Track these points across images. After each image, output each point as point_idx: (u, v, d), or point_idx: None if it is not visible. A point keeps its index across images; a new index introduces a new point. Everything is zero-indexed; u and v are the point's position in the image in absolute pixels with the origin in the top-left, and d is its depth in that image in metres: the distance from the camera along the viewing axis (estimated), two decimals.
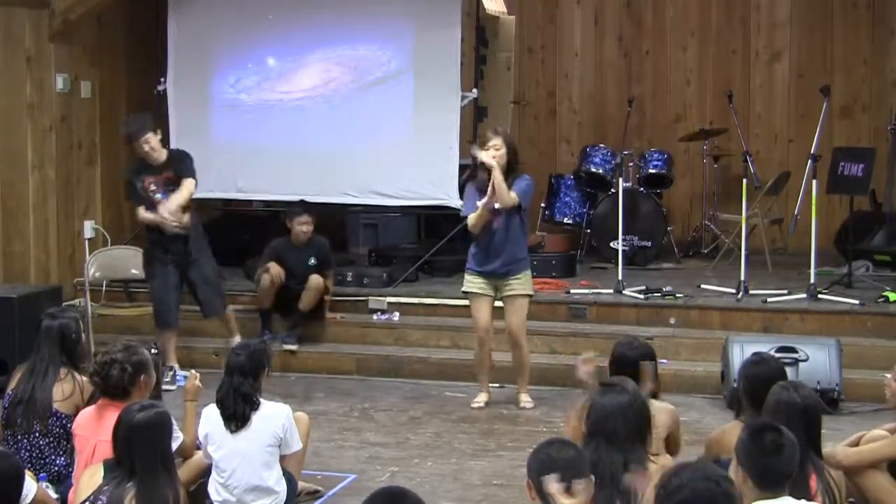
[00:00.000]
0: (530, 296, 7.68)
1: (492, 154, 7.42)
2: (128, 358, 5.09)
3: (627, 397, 4.46)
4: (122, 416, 4.44)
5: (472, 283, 7.67)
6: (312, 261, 9.01)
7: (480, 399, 7.87)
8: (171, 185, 8.34)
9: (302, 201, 9.32)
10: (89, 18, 9.96)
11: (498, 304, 7.72)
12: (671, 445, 5.46)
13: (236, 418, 5.48)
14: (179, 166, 8.42)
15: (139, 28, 10.70)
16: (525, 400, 7.81)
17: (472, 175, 7.69)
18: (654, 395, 5.40)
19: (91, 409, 5.23)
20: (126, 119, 8.49)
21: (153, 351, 6.02)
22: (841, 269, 9.49)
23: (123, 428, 4.37)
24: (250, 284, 9.79)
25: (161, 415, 4.43)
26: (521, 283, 7.58)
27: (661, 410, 5.30)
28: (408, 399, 8.16)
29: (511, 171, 7.49)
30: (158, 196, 8.31)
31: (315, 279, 8.86)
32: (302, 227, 8.94)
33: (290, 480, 5.62)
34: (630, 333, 8.00)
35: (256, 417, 5.50)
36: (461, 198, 9.46)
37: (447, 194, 9.61)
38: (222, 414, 5.51)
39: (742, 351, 7.40)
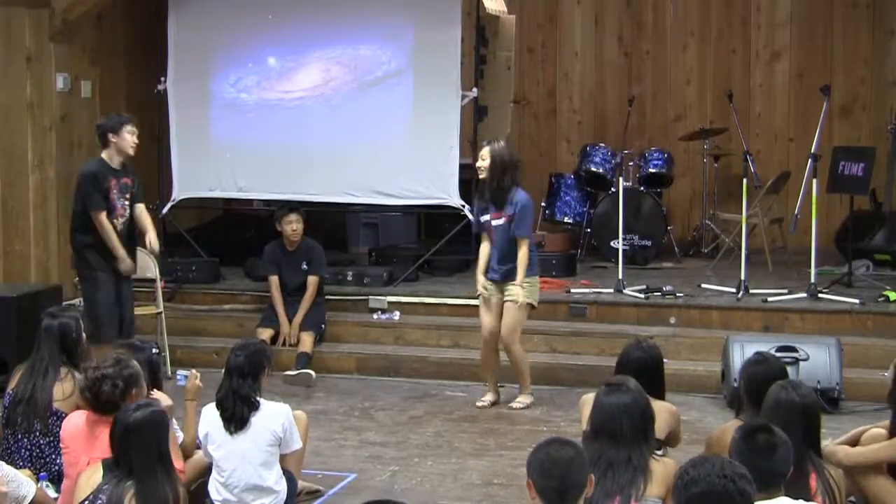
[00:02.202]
0: (527, 304, 7.63)
1: (478, 165, 7.63)
2: (119, 373, 4.98)
3: (631, 396, 4.47)
4: (119, 416, 4.43)
5: (483, 286, 7.77)
6: (304, 266, 9.03)
7: (486, 398, 7.88)
8: (126, 192, 7.76)
9: (289, 202, 9.33)
10: (89, 18, 9.96)
11: None
12: (671, 441, 5.47)
13: (235, 420, 5.48)
14: (137, 182, 7.92)
15: (139, 28, 10.70)
16: (517, 401, 7.82)
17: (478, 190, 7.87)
18: (659, 396, 5.41)
19: (80, 421, 5.09)
20: (103, 117, 7.96)
21: (154, 350, 6.03)
22: (841, 269, 9.50)
23: (120, 428, 4.36)
24: (250, 284, 9.82)
25: (157, 414, 4.42)
26: (516, 290, 7.57)
27: (662, 410, 5.31)
28: (408, 398, 8.16)
29: (501, 188, 7.52)
30: (118, 204, 7.74)
31: (311, 285, 8.95)
32: (291, 226, 8.95)
33: (291, 479, 5.62)
34: (631, 333, 8.03)
35: (256, 417, 5.49)
36: (461, 197, 9.54)
37: (447, 193, 9.61)
38: (221, 415, 5.50)
39: (742, 350, 7.40)
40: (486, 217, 7.65)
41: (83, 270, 7.87)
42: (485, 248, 7.75)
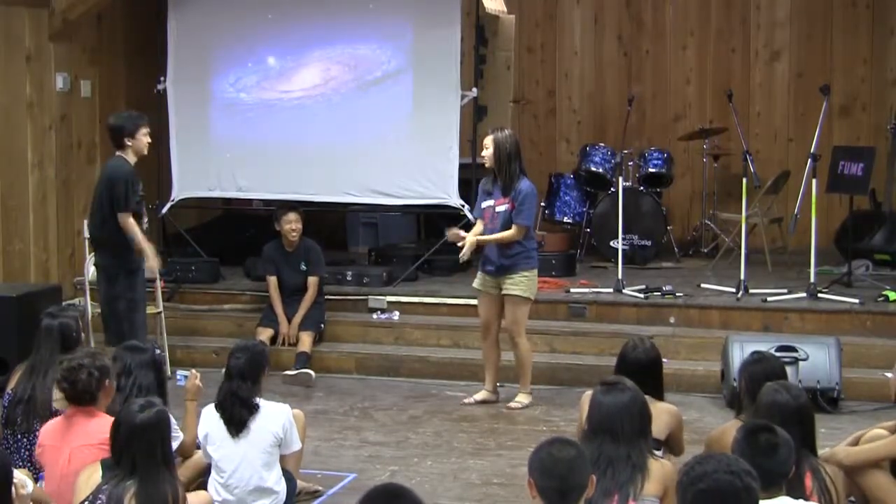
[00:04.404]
0: (526, 297, 7.61)
1: (482, 153, 7.64)
2: (93, 363, 5.04)
3: (629, 395, 4.48)
4: (122, 415, 4.43)
5: (477, 280, 7.80)
6: (303, 266, 9.03)
7: (476, 395, 7.89)
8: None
9: (288, 201, 9.35)
10: (89, 17, 9.96)
11: None
12: (673, 446, 5.46)
13: (234, 423, 5.48)
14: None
15: (139, 27, 10.70)
16: (516, 400, 7.79)
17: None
18: (659, 396, 5.41)
19: (57, 420, 5.17)
20: (115, 114, 7.88)
21: (157, 351, 6.03)
22: (841, 269, 9.50)
23: (124, 427, 4.36)
24: (250, 284, 9.82)
25: (161, 413, 4.42)
26: (514, 284, 7.56)
27: (663, 411, 5.31)
28: (407, 398, 8.16)
29: (508, 175, 7.50)
30: (142, 205, 7.84)
31: (311, 286, 8.97)
32: (290, 225, 8.95)
33: (290, 480, 5.62)
34: (631, 333, 8.01)
35: (257, 419, 5.49)
36: (461, 197, 9.54)
37: (447, 193, 9.61)
38: (221, 417, 5.51)
39: (742, 350, 7.39)
40: (489, 203, 7.61)
41: (121, 272, 7.66)
42: (478, 227, 7.71)
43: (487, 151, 7.56)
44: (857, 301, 8.60)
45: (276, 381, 8.05)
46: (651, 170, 10.81)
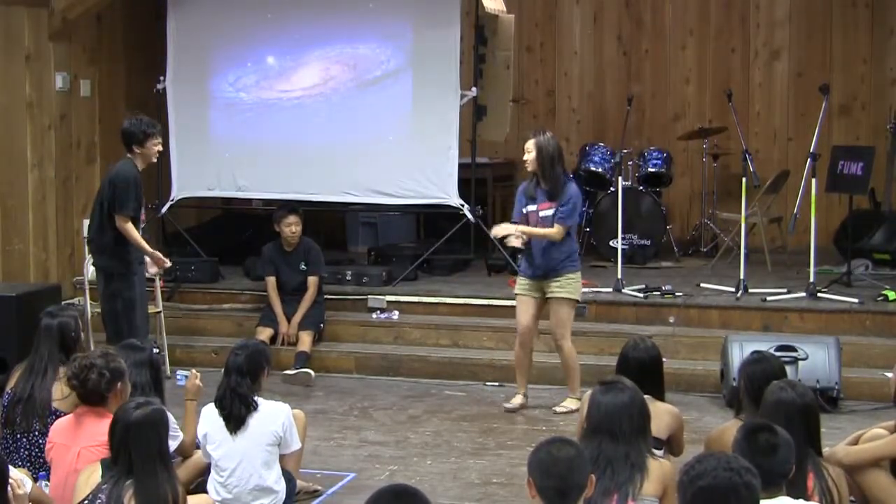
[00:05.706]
0: (573, 300, 7.54)
1: (524, 158, 7.46)
2: (106, 364, 5.06)
3: (629, 394, 4.48)
4: (119, 414, 4.43)
5: (518, 284, 7.66)
6: (303, 266, 9.03)
7: (515, 401, 7.75)
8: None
9: (288, 201, 9.34)
10: (88, 17, 9.96)
11: None
12: (674, 447, 5.46)
13: (233, 419, 5.48)
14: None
15: (139, 27, 10.70)
16: (562, 404, 7.66)
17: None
18: (660, 396, 5.41)
19: (68, 418, 5.20)
20: (132, 117, 7.82)
21: (155, 350, 6.03)
22: (840, 268, 9.49)
23: (120, 426, 4.36)
24: (249, 283, 9.82)
25: (157, 412, 4.43)
26: (560, 286, 7.45)
27: (664, 411, 5.31)
28: (407, 398, 8.16)
29: (553, 179, 7.40)
30: (143, 210, 7.88)
31: (311, 285, 8.97)
32: (290, 227, 8.95)
33: (290, 479, 5.62)
34: (630, 333, 8.01)
35: (256, 417, 5.50)
36: (460, 197, 9.54)
37: (446, 193, 9.61)
38: (220, 414, 5.51)
39: (741, 350, 7.39)
40: (532, 207, 7.45)
41: (119, 271, 7.68)
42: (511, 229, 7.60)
43: (530, 155, 7.39)
44: (856, 301, 8.60)
45: (275, 381, 8.03)
46: (650, 169, 10.82)
